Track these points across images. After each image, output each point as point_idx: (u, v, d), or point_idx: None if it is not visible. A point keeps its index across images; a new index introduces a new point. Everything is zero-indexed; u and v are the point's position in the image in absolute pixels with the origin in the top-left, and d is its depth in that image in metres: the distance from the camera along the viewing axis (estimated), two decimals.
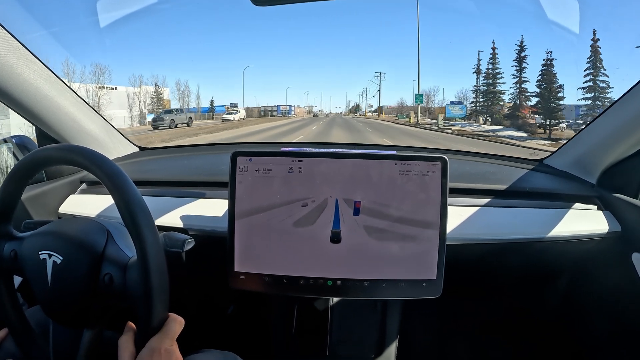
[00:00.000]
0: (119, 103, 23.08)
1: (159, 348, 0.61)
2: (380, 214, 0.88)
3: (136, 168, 1.36)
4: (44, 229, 0.72)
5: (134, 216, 0.61)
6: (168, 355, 0.61)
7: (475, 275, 1.29)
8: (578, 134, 1.21)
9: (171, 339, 0.63)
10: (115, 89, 23.19)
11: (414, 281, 0.89)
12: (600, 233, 1.06)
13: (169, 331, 0.63)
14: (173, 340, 0.64)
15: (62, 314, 0.69)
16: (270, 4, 0.88)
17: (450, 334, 1.52)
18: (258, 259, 0.90)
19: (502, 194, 1.13)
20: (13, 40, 0.96)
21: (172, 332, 0.64)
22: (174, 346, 0.63)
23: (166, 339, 0.62)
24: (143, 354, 0.61)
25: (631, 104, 0.98)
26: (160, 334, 0.62)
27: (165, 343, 0.62)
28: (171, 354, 0.61)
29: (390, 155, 0.88)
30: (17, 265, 0.71)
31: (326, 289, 0.90)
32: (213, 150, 1.67)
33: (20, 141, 1.24)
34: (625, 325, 1.12)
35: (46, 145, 0.70)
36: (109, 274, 0.66)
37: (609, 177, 1.13)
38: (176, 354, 0.63)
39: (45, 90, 1.07)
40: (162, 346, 0.61)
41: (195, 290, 1.43)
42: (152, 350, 0.61)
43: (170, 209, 1.11)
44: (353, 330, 1.22)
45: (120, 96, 23.45)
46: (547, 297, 1.39)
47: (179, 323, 0.65)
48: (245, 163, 0.89)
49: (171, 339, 0.63)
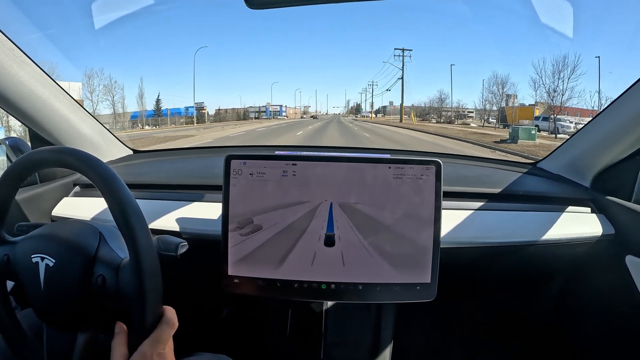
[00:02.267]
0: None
1: (150, 353, 0.61)
2: (374, 218, 0.88)
3: (130, 171, 1.35)
4: (36, 232, 0.72)
5: (127, 219, 0.61)
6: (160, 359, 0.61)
7: (470, 278, 1.29)
8: (571, 137, 1.22)
9: (163, 343, 0.63)
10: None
11: (408, 284, 0.89)
12: (594, 236, 1.07)
13: (161, 335, 0.63)
14: (165, 345, 0.63)
15: (56, 317, 0.69)
16: (265, 7, 0.88)
17: (444, 337, 1.52)
18: (252, 263, 0.89)
19: (496, 197, 1.14)
20: (7, 41, 0.96)
21: (164, 336, 0.63)
22: (166, 350, 0.63)
23: (158, 343, 0.62)
24: (134, 359, 0.60)
25: (624, 107, 0.98)
26: (152, 339, 0.62)
27: (157, 348, 0.61)
28: (163, 359, 0.61)
29: (385, 159, 0.88)
30: (9, 269, 0.70)
31: (320, 293, 0.90)
32: (207, 154, 1.67)
33: (13, 143, 1.24)
34: (619, 327, 1.12)
35: (39, 148, 0.70)
36: (101, 276, 0.66)
37: (602, 180, 1.13)
38: (169, 358, 0.62)
39: (39, 92, 1.06)
40: (154, 351, 0.61)
41: (189, 294, 1.42)
42: (144, 356, 0.60)
43: (164, 212, 1.10)
44: (347, 333, 1.22)
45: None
46: (542, 300, 1.40)
47: (172, 327, 0.65)
48: (239, 166, 0.89)
49: (163, 343, 0.63)
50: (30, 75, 1.03)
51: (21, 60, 1.00)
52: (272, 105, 31.47)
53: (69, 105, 1.18)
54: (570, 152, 1.23)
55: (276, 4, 0.89)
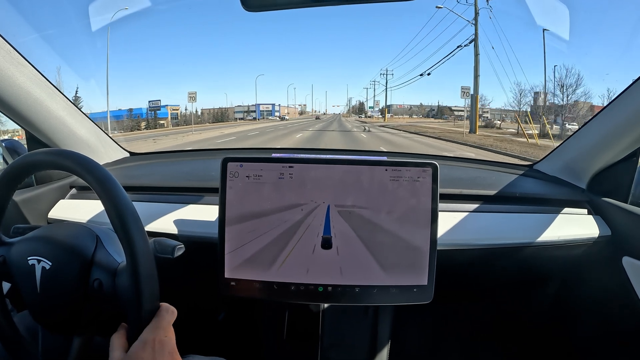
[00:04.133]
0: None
1: (152, 339, 0.59)
2: (371, 220, 0.88)
3: (126, 173, 1.35)
4: (33, 234, 0.71)
5: (124, 221, 0.61)
6: (161, 346, 0.59)
7: (467, 280, 1.29)
8: (568, 139, 1.22)
9: (164, 329, 0.61)
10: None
11: (405, 287, 0.89)
12: (590, 237, 1.07)
13: (161, 321, 0.62)
14: (167, 331, 0.62)
15: (51, 320, 0.69)
16: (262, 10, 0.88)
17: (442, 338, 1.52)
18: (249, 265, 0.89)
19: (493, 200, 1.14)
20: (4, 43, 0.96)
21: (164, 322, 0.62)
22: (168, 336, 0.61)
23: (158, 329, 0.61)
24: (135, 346, 0.59)
25: (620, 109, 0.99)
26: (152, 325, 0.61)
27: (158, 334, 0.60)
28: (165, 345, 0.60)
29: (381, 161, 0.88)
30: (5, 270, 0.70)
31: (317, 295, 0.90)
32: (203, 156, 1.67)
33: (10, 145, 1.23)
34: (616, 328, 1.13)
35: (36, 150, 0.70)
36: (98, 280, 0.66)
37: (598, 181, 1.14)
38: (171, 345, 0.61)
39: (36, 94, 1.06)
40: (156, 337, 0.60)
41: (186, 296, 1.42)
42: (145, 342, 0.59)
43: (161, 214, 1.10)
44: (344, 336, 1.22)
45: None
46: (539, 301, 1.40)
47: (171, 313, 0.64)
48: (235, 169, 0.89)
49: (164, 329, 0.61)
50: (26, 77, 1.03)
51: (18, 62, 1.00)
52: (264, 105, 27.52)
53: (65, 107, 1.18)
54: (567, 154, 1.23)
55: (273, 7, 0.90)
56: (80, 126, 1.26)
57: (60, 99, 1.16)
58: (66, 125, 1.20)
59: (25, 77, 1.02)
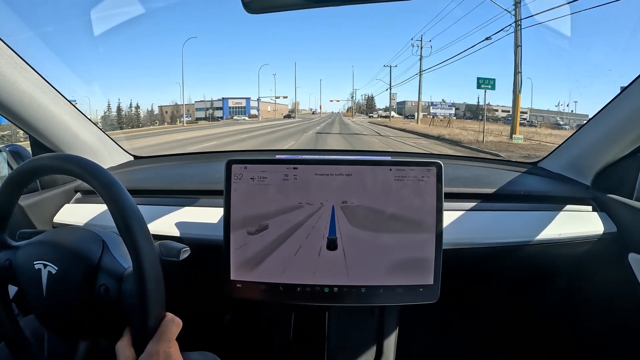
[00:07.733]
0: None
1: (157, 351, 0.60)
2: (376, 220, 0.88)
3: (131, 177, 1.35)
4: (38, 238, 0.72)
5: (129, 225, 0.61)
6: (167, 357, 0.61)
7: (473, 279, 1.29)
8: (572, 136, 1.22)
9: (169, 340, 0.62)
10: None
11: (411, 287, 0.88)
12: (596, 234, 1.06)
13: (166, 333, 0.63)
14: (171, 342, 0.63)
15: (57, 324, 0.69)
16: (263, 12, 0.89)
17: (449, 338, 1.51)
18: (254, 267, 0.89)
19: (498, 198, 1.14)
20: (7, 48, 0.96)
21: (169, 333, 0.63)
22: (172, 348, 0.63)
23: (164, 341, 0.62)
24: (142, 359, 0.60)
25: (624, 105, 0.99)
26: (158, 337, 0.62)
27: (163, 345, 0.61)
28: (170, 356, 0.61)
29: (385, 161, 0.88)
30: (11, 274, 0.70)
31: (323, 296, 0.89)
32: (207, 159, 1.67)
33: (14, 150, 1.24)
34: (622, 325, 1.12)
35: (40, 155, 0.70)
36: (104, 285, 0.66)
37: (603, 178, 1.13)
38: (175, 356, 0.62)
39: (40, 99, 1.06)
40: (160, 348, 0.61)
41: (192, 299, 1.42)
42: (151, 355, 0.60)
43: (165, 217, 1.10)
44: (351, 337, 1.21)
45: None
46: (545, 299, 1.39)
47: (177, 324, 0.65)
48: (240, 171, 0.89)
49: (169, 340, 0.62)
50: (30, 82, 1.03)
51: (21, 67, 1.00)
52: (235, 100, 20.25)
53: (69, 111, 1.18)
54: (571, 151, 1.23)
55: (275, 9, 0.90)
56: (85, 130, 1.27)
57: (64, 103, 1.16)
58: (70, 130, 1.20)
59: (28, 82, 1.02)
